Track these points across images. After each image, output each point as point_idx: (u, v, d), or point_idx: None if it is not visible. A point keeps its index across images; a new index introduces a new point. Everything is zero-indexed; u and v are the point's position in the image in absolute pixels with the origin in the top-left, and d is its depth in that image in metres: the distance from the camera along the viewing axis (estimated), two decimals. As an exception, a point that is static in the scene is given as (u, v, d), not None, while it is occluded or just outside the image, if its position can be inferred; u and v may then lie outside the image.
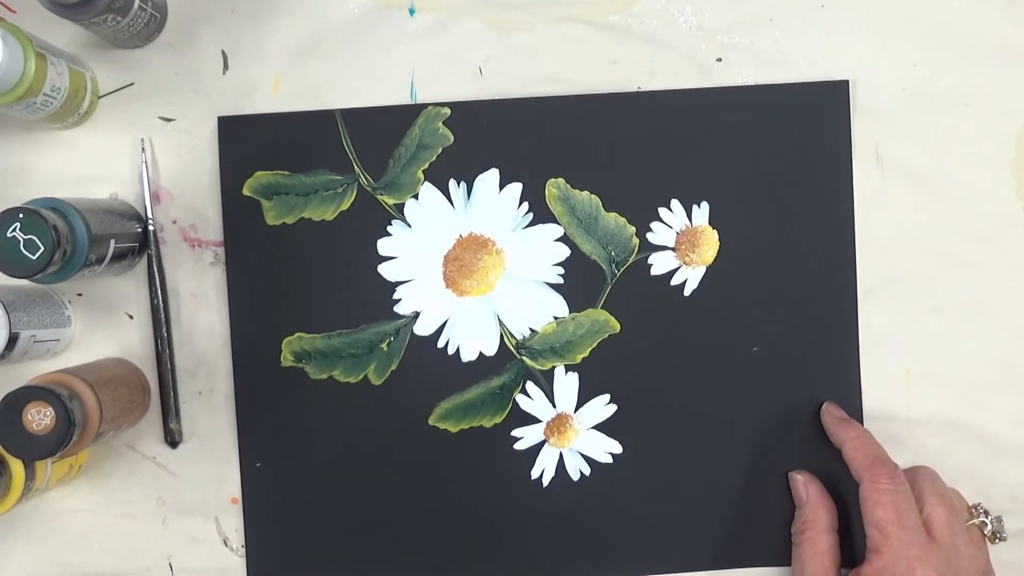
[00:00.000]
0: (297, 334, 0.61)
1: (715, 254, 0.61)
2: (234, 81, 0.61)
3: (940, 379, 0.62)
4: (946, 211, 0.62)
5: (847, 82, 0.61)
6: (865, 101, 0.62)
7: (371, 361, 0.61)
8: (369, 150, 0.61)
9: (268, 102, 0.61)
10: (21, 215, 0.51)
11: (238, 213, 0.61)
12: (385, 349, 0.61)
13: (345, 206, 0.61)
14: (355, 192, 0.61)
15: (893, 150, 0.62)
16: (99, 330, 0.61)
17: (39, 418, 0.51)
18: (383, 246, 0.61)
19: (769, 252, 0.61)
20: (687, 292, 0.61)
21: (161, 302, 0.60)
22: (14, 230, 0.51)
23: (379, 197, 0.61)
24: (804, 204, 0.61)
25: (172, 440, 0.61)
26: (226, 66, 0.61)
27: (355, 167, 0.61)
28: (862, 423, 0.61)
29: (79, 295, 0.61)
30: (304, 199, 0.61)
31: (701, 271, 0.61)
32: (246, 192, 0.61)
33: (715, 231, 0.61)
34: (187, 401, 0.61)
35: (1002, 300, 0.62)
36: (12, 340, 0.55)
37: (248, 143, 0.61)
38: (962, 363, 0.62)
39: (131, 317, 0.61)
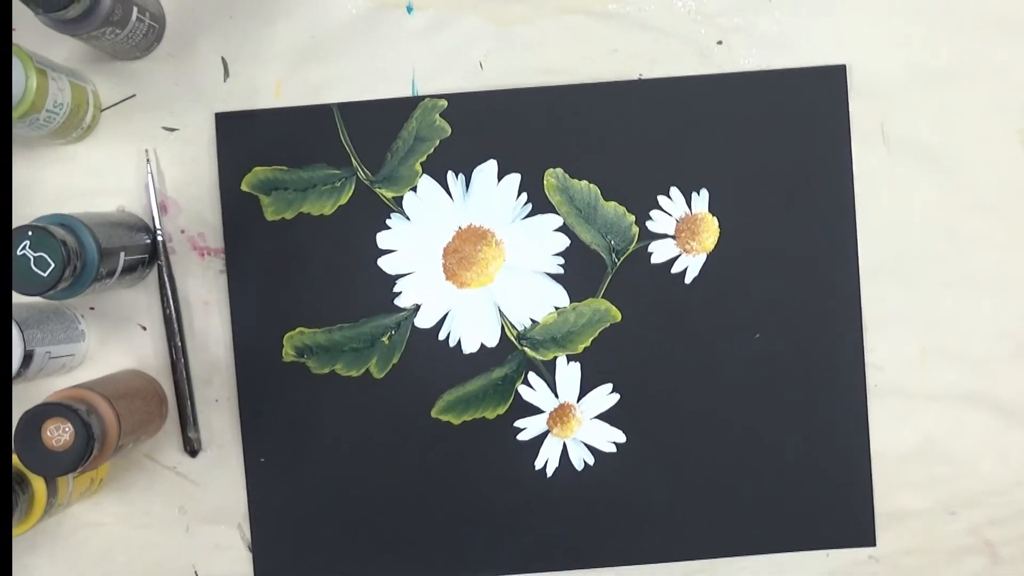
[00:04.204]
0: (298, 329, 0.61)
1: (715, 241, 0.61)
2: (235, 87, 0.61)
3: (954, 354, 0.62)
4: (955, 186, 0.62)
5: (844, 67, 0.61)
6: (869, 80, 0.61)
7: (372, 355, 0.61)
8: (367, 143, 0.61)
9: (270, 106, 0.61)
10: (30, 233, 0.51)
11: (237, 209, 0.61)
12: (386, 342, 0.61)
13: (344, 200, 0.61)
14: (353, 186, 0.61)
15: (899, 128, 0.61)
16: (113, 343, 0.61)
17: (58, 434, 0.52)
18: (382, 239, 0.61)
19: (769, 238, 0.61)
20: (688, 280, 0.61)
21: (173, 312, 0.60)
22: (24, 248, 0.51)
23: (377, 190, 0.61)
24: (803, 189, 0.61)
25: (191, 449, 0.61)
26: (227, 73, 0.61)
27: (353, 161, 0.61)
28: (866, 405, 0.61)
29: (91, 309, 0.61)
30: (302, 194, 0.61)
31: (702, 258, 0.61)
32: (244, 188, 0.61)
33: (715, 218, 0.61)
34: (204, 410, 0.62)
35: (1014, 273, 0.62)
36: (27, 357, 0.55)
37: (246, 139, 0.61)
38: (975, 337, 0.62)
39: (144, 328, 0.61)
